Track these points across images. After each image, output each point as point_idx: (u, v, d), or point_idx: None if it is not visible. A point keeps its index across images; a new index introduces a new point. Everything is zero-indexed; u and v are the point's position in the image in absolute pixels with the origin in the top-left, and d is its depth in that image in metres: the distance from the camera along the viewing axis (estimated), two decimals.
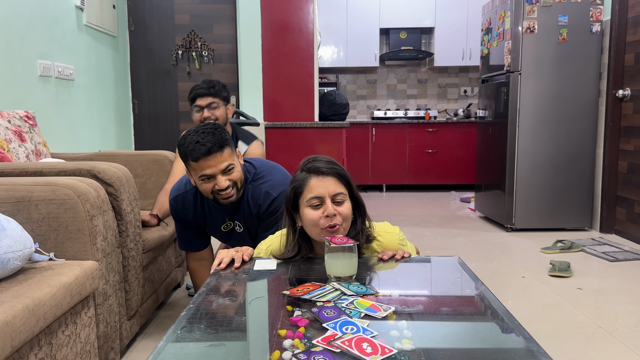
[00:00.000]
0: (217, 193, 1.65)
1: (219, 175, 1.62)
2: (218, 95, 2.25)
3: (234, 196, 1.69)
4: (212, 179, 1.63)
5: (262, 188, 1.73)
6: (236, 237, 1.87)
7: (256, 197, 1.74)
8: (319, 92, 4.19)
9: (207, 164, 1.59)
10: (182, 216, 1.86)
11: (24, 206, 1.49)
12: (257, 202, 1.73)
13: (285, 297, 1.21)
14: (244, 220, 1.80)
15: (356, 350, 0.90)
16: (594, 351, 1.87)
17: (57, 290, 1.27)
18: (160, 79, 4.33)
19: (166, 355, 0.93)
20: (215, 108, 2.24)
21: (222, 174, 1.62)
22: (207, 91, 2.23)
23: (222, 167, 1.61)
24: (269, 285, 1.33)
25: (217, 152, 1.60)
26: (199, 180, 1.64)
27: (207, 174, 1.61)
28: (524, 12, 3.66)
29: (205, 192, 1.67)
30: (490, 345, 1.01)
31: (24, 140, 2.18)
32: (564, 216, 3.81)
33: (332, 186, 1.32)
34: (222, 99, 2.27)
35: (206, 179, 1.63)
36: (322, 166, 1.33)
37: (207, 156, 1.58)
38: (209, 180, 1.63)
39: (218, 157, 1.60)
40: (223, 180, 1.62)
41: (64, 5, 3.20)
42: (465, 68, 6.36)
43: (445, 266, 1.54)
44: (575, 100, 3.73)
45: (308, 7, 3.93)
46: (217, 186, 1.63)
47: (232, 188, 1.67)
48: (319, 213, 1.31)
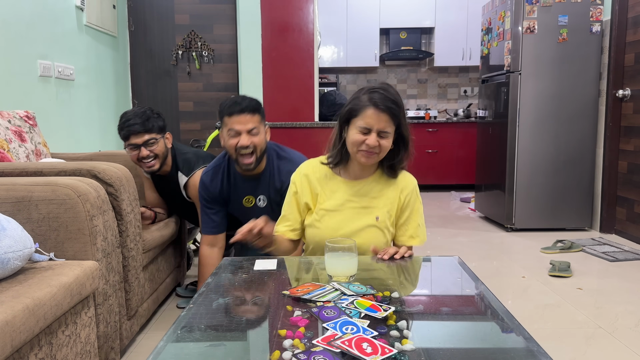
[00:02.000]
0: (239, 152, 1.84)
1: (244, 134, 1.82)
2: (154, 130, 2.07)
3: (253, 164, 1.86)
4: (238, 136, 1.82)
5: (287, 167, 1.93)
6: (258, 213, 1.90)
7: (282, 173, 1.94)
8: (319, 92, 4.19)
9: (237, 120, 1.82)
10: (210, 191, 2.00)
11: (24, 206, 1.49)
12: (281, 178, 1.94)
13: (285, 297, 1.21)
14: (268, 194, 1.97)
15: (356, 350, 0.90)
16: (594, 351, 1.87)
17: (57, 290, 1.27)
18: (160, 79, 4.34)
19: (166, 355, 0.93)
20: (153, 144, 2.08)
21: (247, 133, 1.82)
22: (142, 127, 2.04)
23: (249, 127, 1.83)
24: (269, 285, 1.33)
25: (249, 113, 1.83)
26: (227, 136, 1.85)
27: (235, 129, 1.82)
28: (524, 12, 3.66)
29: (230, 149, 1.86)
30: (490, 345, 1.01)
31: (24, 140, 2.18)
32: (564, 216, 3.81)
33: (382, 122, 1.43)
34: (158, 131, 2.10)
35: (233, 134, 1.83)
36: (381, 103, 1.43)
37: (240, 114, 1.82)
38: (235, 137, 1.83)
39: (248, 117, 1.82)
40: (246, 138, 1.82)
41: (64, 5, 3.20)
42: (465, 68, 6.36)
43: (445, 266, 1.54)
44: (575, 100, 3.73)
45: (308, 7, 3.93)
46: (239, 143, 1.82)
47: (251, 154, 1.85)
48: (362, 138, 1.43)
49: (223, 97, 4.33)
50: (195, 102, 4.36)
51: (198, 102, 4.35)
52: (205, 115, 4.35)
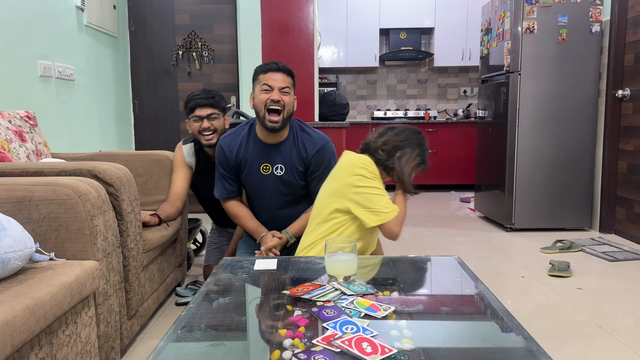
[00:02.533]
0: (268, 108, 1.92)
1: (276, 89, 1.93)
2: (217, 106, 2.28)
3: (280, 122, 1.94)
4: (270, 91, 1.93)
5: (312, 138, 2.06)
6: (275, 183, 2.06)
7: (307, 143, 2.04)
8: (319, 92, 4.19)
9: (272, 77, 1.94)
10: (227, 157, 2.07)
11: (24, 206, 1.49)
12: (307, 148, 2.04)
13: (285, 297, 1.21)
14: (289, 163, 2.04)
15: (356, 350, 0.90)
16: (594, 351, 1.87)
17: (57, 290, 1.27)
18: (160, 79, 4.34)
19: (167, 354, 0.94)
20: (215, 119, 2.26)
21: (279, 90, 1.93)
22: (207, 101, 2.24)
23: (282, 85, 1.94)
24: (269, 285, 1.34)
25: (284, 73, 1.96)
26: (260, 91, 1.94)
27: (269, 84, 1.93)
28: (524, 12, 3.66)
29: (260, 104, 1.94)
30: (490, 344, 1.02)
31: (24, 141, 2.18)
32: (563, 216, 3.81)
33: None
34: (221, 109, 2.30)
35: (267, 88, 1.93)
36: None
37: (276, 72, 1.94)
38: (267, 92, 1.93)
39: (283, 76, 1.95)
40: (277, 94, 1.92)
41: (65, 5, 3.20)
42: (465, 68, 6.37)
43: (445, 266, 1.54)
44: (574, 100, 3.73)
45: (308, 7, 3.93)
46: (271, 98, 1.91)
47: (279, 113, 1.93)
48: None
49: None
50: None
51: None
52: None
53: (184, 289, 2.51)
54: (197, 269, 2.94)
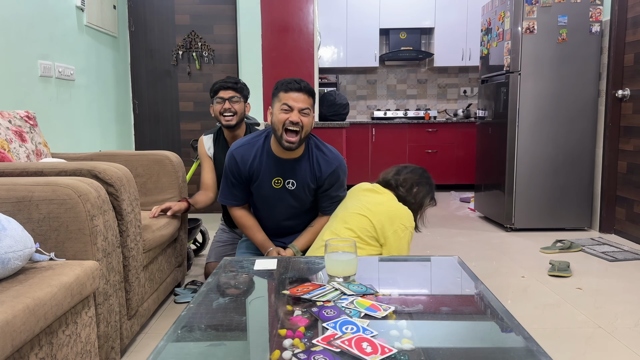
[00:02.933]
0: (286, 129, 1.89)
1: (296, 110, 1.88)
2: (240, 91, 2.45)
3: (295, 144, 1.90)
4: (290, 111, 1.88)
5: (328, 158, 2.04)
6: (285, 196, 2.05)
7: (322, 163, 2.03)
8: (319, 92, 4.19)
9: (293, 97, 1.89)
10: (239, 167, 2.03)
11: (24, 206, 1.49)
12: (321, 168, 2.02)
13: (285, 297, 1.21)
14: (301, 179, 2.02)
15: (356, 350, 0.90)
16: (594, 351, 1.87)
17: (57, 290, 1.27)
18: (160, 79, 4.34)
19: (167, 354, 0.94)
20: (236, 102, 2.42)
21: (298, 111, 1.89)
22: (231, 85, 2.44)
23: (302, 106, 1.89)
24: (269, 285, 1.34)
25: (306, 94, 1.91)
26: (279, 110, 1.90)
27: (289, 104, 1.88)
28: (524, 12, 3.66)
29: (278, 124, 1.90)
30: (489, 344, 1.02)
31: (24, 141, 2.18)
32: (563, 216, 3.81)
33: None
34: (243, 95, 2.46)
35: (286, 109, 1.89)
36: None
37: (297, 92, 1.89)
38: (287, 112, 1.89)
39: (304, 97, 1.90)
40: (297, 115, 1.88)
41: (65, 5, 3.20)
42: (465, 68, 6.37)
43: (445, 266, 1.54)
44: (574, 100, 3.73)
45: (308, 7, 3.93)
46: (290, 119, 1.87)
47: (297, 133, 1.89)
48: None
49: None
50: (196, 102, 4.36)
51: (198, 102, 4.36)
52: (206, 115, 4.35)
53: (183, 289, 2.51)
54: (197, 269, 2.94)
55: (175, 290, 2.49)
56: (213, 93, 2.47)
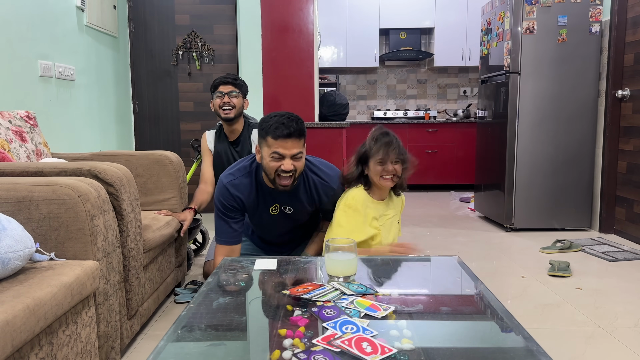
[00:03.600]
0: (279, 174, 1.79)
1: (287, 158, 1.77)
2: (239, 87, 2.57)
3: (289, 186, 1.83)
4: (281, 159, 1.77)
5: (327, 184, 1.96)
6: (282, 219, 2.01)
7: (320, 188, 1.96)
8: (319, 92, 4.19)
9: (283, 145, 1.75)
10: (234, 202, 1.93)
11: (24, 206, 1.49)
12: (319, 193, 1.96)
13: (285, 297, 1.21)
14: (299, 205, 1.96)
15: (356, 350, 0.90)
16: (594, 351, 1.87)
17: (57, 290, 1.28)
18: (160, 79, 4.34)
19: (167, 354, 0.94)
20: (235, 97, 2.53)
21: (291, 157, 1.77)
22: (231, 80, 2.55)
23: (294, 152, 1.77)
24: (269, 285, 1.34)
25: (296, 138, 1.76)
26: (269, 157, 1.78)
27: (280, 152, 1.76)
28: (524, 12, 3.66)
29: (269, 170, 1.80)
30: (489, 344, 1.02)
31: (24, 141, 2.19)
32: (563, 216, 3.81)
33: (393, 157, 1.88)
34: (242, 91, 2.57)
35: (277, 157, 1.77)
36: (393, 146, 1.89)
37: (287, 139, 1.74)
38: (278, 160, 1.77)
39: (295, 142, 1.76)
40: (289, 163, 1.77)
41: (65, 5, 3.20)
42: (465, 68, 6.37)
43: (445, 266, 1.54)
44: (574, 100, 3.73)
45: (308, 7, 3.93)
46: (282, 167, 1.77)
47: (291, 176, 1.80)
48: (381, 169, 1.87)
49: None
50: (196, 103, 4.36)
51: (198, 102, 4.35)
52: (206, 115, 4.35)
53: (183, 289, 2.51)
54: (197, 269, 2.94)
55: (175, 290, 2.49)
56: (213, 88, 2.57)
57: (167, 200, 2.46)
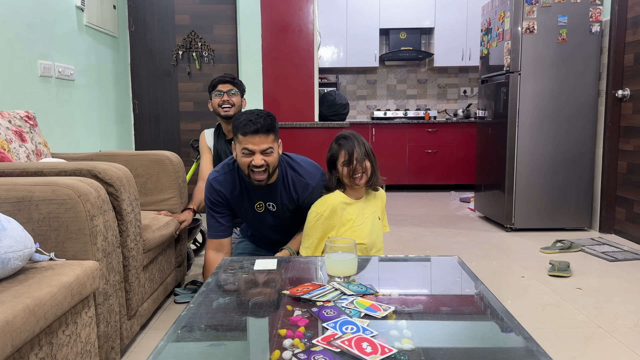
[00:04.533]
0: (252, 169, 1.85)
1: (257, 154, 1.82)
2: (238, 86, 2.62)
3: (264, 180, 1.87)
4: (252, 155, 1.83)
5: (303, 180, 2.00)
6: (269, 217, 2.06)
7: (297, 185, 2.00)
8: (319, 92, 4.19)
9: (251, 141, 1.81)
10: (218, 196, 2.01)
11: (24, 206, 1.49)
12: (297, 190, 2.00)
13: (285, 297, 1.21)
14: (280, 202, 2.01)
15: (356, 350, 0.90)
16: (594, 351, 1.87)
17: (57, 290, 1.27)
18: (160, 79, 4.34)
19: (167, 354, 0.94)
20: (234, 95, 2.58)
21: (260, 153, 1.82)
22: (229, 80, 2.60)
23: (263, 148, 1.82)
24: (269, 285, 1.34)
25: (264, 134, 1.81)
26: (241, 153, 1.85)
27: (250, 148, 1.82)
28: (524, 12, 3.66)
29: (243, 166, 1.87)
30: (489, 344, 1.02)
31: (24, 141, 2.18)
32: (563, 216, 3.81)
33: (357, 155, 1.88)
34: (240, 90, 2.63)
35: (247, 153, 1.83)
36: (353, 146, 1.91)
37: (254, 135, 1.80)
38: (248, 155, 1.83)
39: (263, 138, 1.81)
40: (260, 158, 1.82)
41: (65, 5, 3.20)
42: (465, 68, 6.37)
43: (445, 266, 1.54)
44: (574, 100, 3.73)
45: (308, 7, 3.93)
46: (253, 162, 1.82)
47: (264, 171, 1.85)
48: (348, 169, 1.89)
49: None
50: (196, 102, 4.36)
51: (198, 102, 4.35)
52: (206, 115, 4.35)
53: (183, 289, 2.51)
54: (197, 269, 2.94)
55: (175, 290, 2.49)
56: (212, 87, 2.61)
57: (167, 200, 2.46)
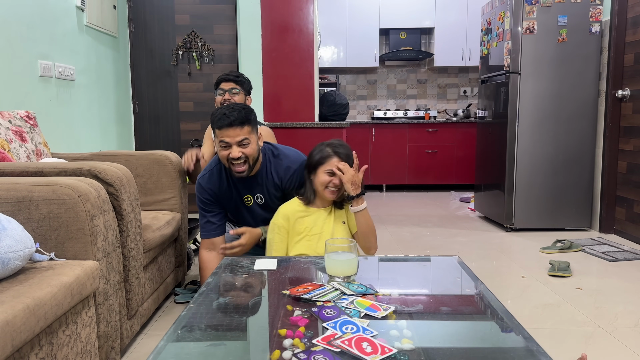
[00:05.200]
0: (231, 162, 1.89)
1: (234, 146, 1.86)
2: (241, 84, 2.55)
3: (245, 172, 1.91)
4: (229, 147, 1.87)
5: (283, 163, 2.03)
6: (258, 210, 2.09)
7: (279, 170, 2.03)
8: (319, 92, 4.19)
9: (226, 133, 1.85)
10: (207, 194, 2.04)
11: (24, 206, 1.49)
12: (279, 175, 2.03)
13: (285, 297, 1.21)
14: (267, 192, 2.04)
15: (356, 350, 0.90)
16: (594, 351, 1.87)
17: (57, 290, 1.27)
18: (160, 79, 4.34)
19: (167, 354, 0.94)
20: (236, 94, 2.51)
21: (237, 145, 1.86)
22: (233, 78, 2.53)
23: (238, 140, 1.85)
24: (269, 285, 1.34)
25: (238, 126, 1.84)
26: (219, 147, 1.89)
27: (226, 141, 1.86)
28: (524, 12, 3.66)
29: (222, 159, 1.92)
30: (489, 344, 1.02)
31: (24, 141, 2.19)
32: (563, 216, 3.81)
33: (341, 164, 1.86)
34: (244, 89, 2.56)
35: (224, 145, 1.87)
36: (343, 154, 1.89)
37: (228, 127, 1.84)
38: (226, 148, 1.87)
39: (237, 130, 1.84)
40: (237, 150, 1.86)
41: (65, 5, 3.20)
42: (465, 68, 6.37)
43: (445, 266, 1.54)
44: (574, 100, 3.73)
45: (308, 7, 3.93)
46: (231, 154, 1.86)
47: (244, 162, 1.89)
48: (329, 180, 1.86)
49: None
50: (196, 102, 4.36)
51: (198, 102, 4.35)
52: (206, 115, 4.35)
53: (183, 289, 2.51)
54: (197, 269, 2.94)
55: (175, 290, 2.49)
56: (216, 85, 2.56)
57: (167, 200, 2.46)
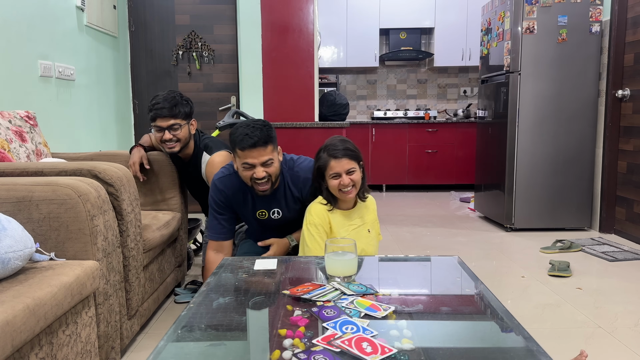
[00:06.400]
0: (255, 181, 1.86)
1: (258, 166, 1.82)
2: (179, 115, 2.20)
3: (268, 190, 1.89)
4: (252, 168, 1.83)
5: (300, 175, 2.00)
6: (272, 224, 2.06)
7: (297, 183, 2.00)
8: (319, 92, 4.19)
9: (250, 155, 1.80)
10: (222, 196, 1.99)
11: (24, 206, 1.49)
12: (298, 186, 2.00)
13: (285, 296, 1.21)
14: (285, 206, 2.01)
15: (356, 350, 0.90)
16: (594, 351, 1.87)
17: (57, 290, 1.27)
18: (160, 79, 4.34)
19: (167, 354, 0.94)
20: (177, 129, 2.21)
21: (261, 165, 1.82)
22: (169, 112, 2.16)
23: (263, 160, 1.82)
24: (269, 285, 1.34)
25: (261, 146, 1.80)
26: (241, 167, 1.85)
27: (249, 162, 1.82)
28: (524, 12, 3.66)
29: (245, 179, 1.88)
30: (489, 344, 1.02)
31: (24, 141, 2.19)
32: (563, 216, 3.81)
33: (345, 165, 1.81)
34: (183, 118, 2.22)
35: (248, 167, 1.83)
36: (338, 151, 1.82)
37: (252, 148, 1.79)
38: (250, 169, 1.84)
39: (261, 151, 1.81)
40: (261, 170, 1.83)
41: (65, 5, 3.20)
42: (465, 68, 6.37)
43: (445, 266, 1.54)
44: (574, 100, 3.73)
45: (308, 7, 3.93)
46: (255, 175, 1.83)
47: (267, 181, 1.86)
48: (337, 182, 1.82)
49: (223, 97, 4.33)
50: (196, 103, 4.33)
51: (198, 102, 4.35)
52: (206, 115, 4.35)
53: (183, 289, 2.51)
54: (197, 269, 2.94)
55: (175, 290, 2.49)
56: (151, 119, 2.21)
57: (167, 200, 2.46)
